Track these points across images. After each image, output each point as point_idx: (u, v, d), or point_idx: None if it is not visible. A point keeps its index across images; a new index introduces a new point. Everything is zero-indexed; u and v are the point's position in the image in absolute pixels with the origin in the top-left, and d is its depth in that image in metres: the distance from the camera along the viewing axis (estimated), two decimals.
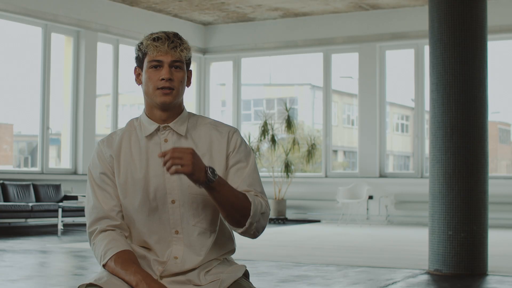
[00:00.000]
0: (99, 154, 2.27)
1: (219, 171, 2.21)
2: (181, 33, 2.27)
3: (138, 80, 2.27)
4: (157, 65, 2.19)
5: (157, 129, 2.25)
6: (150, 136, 2.25)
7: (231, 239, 2.33)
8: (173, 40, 2.19)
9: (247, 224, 2.15)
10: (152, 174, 2.22)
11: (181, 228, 2.21)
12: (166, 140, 2.24)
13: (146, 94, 2.24)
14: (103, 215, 2.23)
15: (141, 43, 2.22)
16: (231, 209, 2.12)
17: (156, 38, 2.20)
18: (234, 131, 2.29)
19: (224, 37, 14.27)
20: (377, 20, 12.95)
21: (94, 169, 2.27)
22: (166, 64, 2.18)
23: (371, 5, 12.68)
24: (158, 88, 2.19)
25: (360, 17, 13.09)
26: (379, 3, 12.50)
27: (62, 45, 12.06)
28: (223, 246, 2.29)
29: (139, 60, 2.25)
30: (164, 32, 2.22)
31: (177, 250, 2.21)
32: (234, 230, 2.23)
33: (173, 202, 2.20)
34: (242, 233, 2.20)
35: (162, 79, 2.18)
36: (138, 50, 2.24)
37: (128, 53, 12.94)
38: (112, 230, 2.22)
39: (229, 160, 2.25)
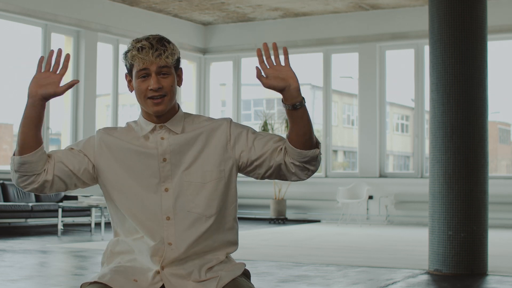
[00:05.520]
0: (92, 140, 2.31)
1: (215, 163, 2.28)
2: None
3: (130, 87, 2.31)
4: (144, 74, 2.21)
5: (154, 129, 2.30)
6: (147, 135, 2.30)
7: (234, 231, 2.35)
8: (157, 48, 2.20)
9: (314, 139, 2.27)
10: (148, 165, 2.27)
11: (173, 215, 2.25)
12: (162, 138, 2.29)
13: (138, 102, 2.29)
14: (49, 153, 2.26)
15: (127, 52, 2.24)
16: (309, 127, 2.24)
17: (140, 48, 2.20)
18: (230, 121, 2.34)
19: (224, 37, 14.27)
20: (377, 20, 12.95)
21: (75, 145, 2.32)
22: (154, 73, 2.21)
23: (371, 5, 12.67)
24: (148, 98, 2.23)
25: (360, 17, 13.09)
26: (379, 3, 12.50)
27: (62, 45, 12.06)
28: (223, 235, 2.32)
29: (128, 69, 2.28)
30: (147, 40, 2.22)
31: (170, 235, 2.24)
32: (311, 159, 2.26)
33: (166, 190, 2.26)
34: (315, 156, 2.26)
35: (151, 89, 2.21)
36: (125, 59, 2.27)
37: None
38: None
39: (238, 146, 2.31)
